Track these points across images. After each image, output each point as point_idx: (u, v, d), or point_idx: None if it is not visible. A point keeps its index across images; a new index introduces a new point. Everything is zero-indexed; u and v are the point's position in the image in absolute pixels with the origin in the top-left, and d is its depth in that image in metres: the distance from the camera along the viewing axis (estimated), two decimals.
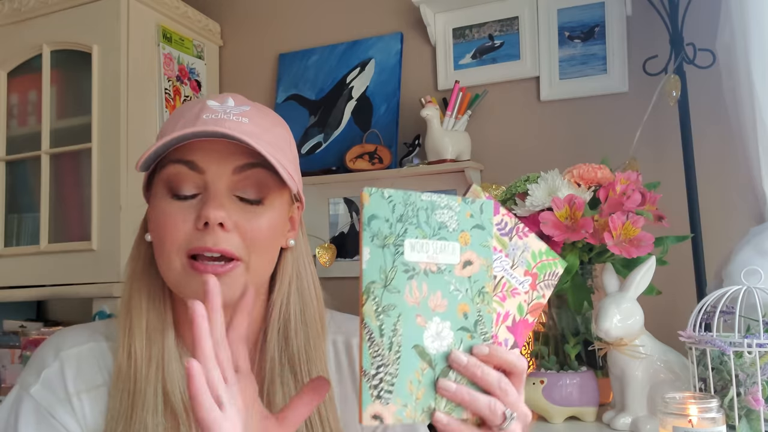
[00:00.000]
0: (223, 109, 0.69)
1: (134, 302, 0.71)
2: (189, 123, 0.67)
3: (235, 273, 0.67)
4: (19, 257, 1.83)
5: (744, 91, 1.18)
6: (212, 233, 0.65)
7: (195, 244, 0.66)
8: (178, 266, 0.67)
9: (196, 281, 0.65)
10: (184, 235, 0.66)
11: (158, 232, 0.68)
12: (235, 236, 0.67)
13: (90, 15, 1.77)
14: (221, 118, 0.68)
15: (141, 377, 0.68)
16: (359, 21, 1.93)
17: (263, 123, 0.70)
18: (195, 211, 0.67)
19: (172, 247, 0.67)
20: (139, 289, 0.72)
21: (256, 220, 0.68)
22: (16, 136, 1.91)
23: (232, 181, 0.68)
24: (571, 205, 1.13)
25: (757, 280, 0.95)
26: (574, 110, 1.64)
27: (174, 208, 0.67)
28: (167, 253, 0.67)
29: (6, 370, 1.92)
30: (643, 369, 1.05)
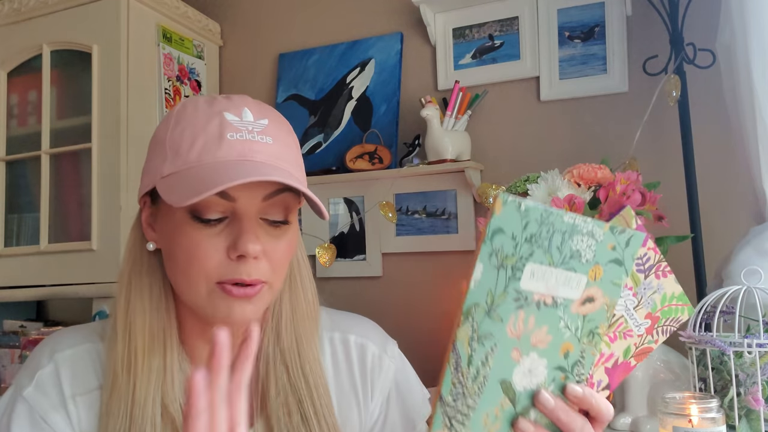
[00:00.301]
0: (245, 126, 0.66)
1: (134, 309, 0.69)
2: (212, 144, 0.65)
3: (262, 294, 0.67)
4: (19, 257, 1.83)
5: (744, 91, 1.18)
6: (246, 264, 0.64)
7: (228, 276, 0.64)
8: (204, 291, 0.65)
9: (225, 304, 0.65)
10: (215, 265, 0.64)
11: (183, 256, 0.65)
12: (263, 263, 0.66)
13: (90, 15, 1.77)
14: (247, 139, 0.65)
15: (140, 388, 0.67)
16: (359, 21, 1.93)
17: (283, 136, 0.69)
18: (225, 239, 0.65)
19: (200, 275, 0.65)
20: (141, 295, 0.70)
21: (281, 242, 0.68)
22: (16, 136, 1.90)
23: (261, 207, 0.66)
24: (571, 205, 1.13)
25: (757, 280, 0.95)
26: (574, 110, 1.64)
27: (202, 235, 0.64)
28: (193, 280, 0.65)
29: (6, 370, 1.92)
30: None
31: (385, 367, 0.80)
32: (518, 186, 1.24)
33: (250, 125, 0.67)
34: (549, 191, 1.18)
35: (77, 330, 0.76)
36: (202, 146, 0.65)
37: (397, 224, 1.81)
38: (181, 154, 0.65)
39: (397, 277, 1.82)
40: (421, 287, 1.78)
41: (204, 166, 0.64)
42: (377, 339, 0.82)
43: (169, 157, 0.66)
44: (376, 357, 0.80)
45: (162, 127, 0.69)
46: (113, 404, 0.67)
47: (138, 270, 0.71)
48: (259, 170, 0.63)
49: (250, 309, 0.66)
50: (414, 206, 1.80)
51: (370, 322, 0.85)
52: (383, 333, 0.85)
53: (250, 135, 0.66)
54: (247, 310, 0.66)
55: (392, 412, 0.81)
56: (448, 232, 1.75)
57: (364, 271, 1.85)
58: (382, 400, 0.80)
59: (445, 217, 1.76)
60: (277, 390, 0.71)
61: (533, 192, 1.18)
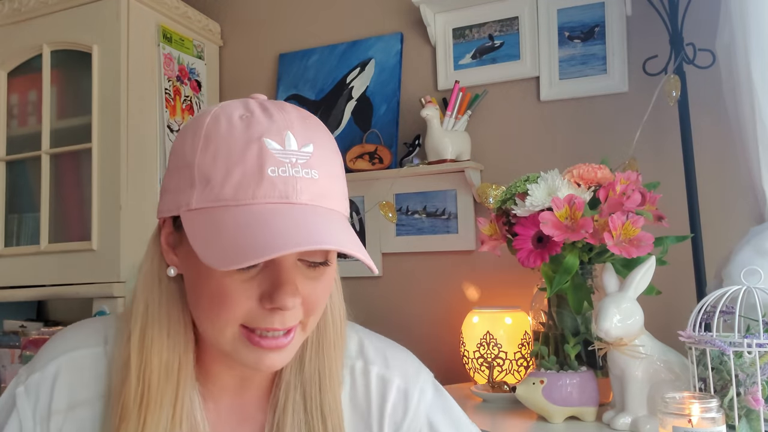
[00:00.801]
0: (288, 157, 0.57)
1: (149, 344, 0.63)
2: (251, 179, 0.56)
3: (294, 340, 0.62)
4: (19, 257, 1.83)
5: (744, 91, 1.18)
6: (281, 315, 0.59)
7: (260, 324, 0.59)
8: (230, 336, 0.60)
9: (253, 354, 0.60)
10: (246, 312, 0.59)
11: (209, 300, 0.59)
12: (299, 308, 0.60)
13: (90, 15, 1.77)
14: (290, 175, 0.57)
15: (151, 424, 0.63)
16: (359, 21, 1.93)
17: (328, 164, 0.61)
18: (259, 286, 0.59)
19: (228, 320, 0.59)
20: (159, 326, 0.64)
21: (320, 284, 0.62)
22: (16, 136, 1.91)
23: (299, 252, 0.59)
24: (571, 205, 1.13)
25: (756, 280, 0.95)
26: (574, 110, 1.64)
27: (234, 281, 0.58)
28: (218, 325, 0.60)
29: (6, 370, 1.92)
30: (643, 369, 1.05)
31: (412, 406, 0.72)
32: (518, 186, 1.24)
33: (294, 156, 0.58)
34: (549, 191, 1.18)
35: (81, 329, 0.71)
36: (238, 181, 0.57)
37: (397, 224, 1.81)
38: (214, 186, 0.57)
39: (397, 277, 1.82)
40: (421, 287, 1.78)
41: (241, 209, 0.56)
42: (405, 371, 0.74)
43: (199, 187, 0.58)
44: (401, 393, 0.72)
45: (189, 143, 0.60)
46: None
47: (156, 297, 0.65)
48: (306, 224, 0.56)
49: (280, 358, 0.61)
50: (414, 206, 1.80)
51: (403, 351, 0.77)
52: (416, 363, 0.76)
53: (294, 169, 0.57)
54: (276, 360, 0.61)
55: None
56: (448, 232, 1.75)
57: (364, 271, 1.85)
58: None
59: (445, 217, 1.76)
60: (293, 423, 0.67)
61: (533, 192, 1.18)
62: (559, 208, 1.13)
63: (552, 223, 1.13)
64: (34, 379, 0.67)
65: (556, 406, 1.13)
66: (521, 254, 1.18)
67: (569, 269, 1.15)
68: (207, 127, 0.60)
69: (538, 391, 1.13)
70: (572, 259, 1.16)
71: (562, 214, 1.13)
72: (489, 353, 1.43)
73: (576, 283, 1.20)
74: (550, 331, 1.27)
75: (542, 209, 1.16)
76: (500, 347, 1.43)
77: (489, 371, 1.43)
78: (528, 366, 1.43)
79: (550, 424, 1.14)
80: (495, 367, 1.42)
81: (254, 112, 0.60)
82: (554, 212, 1.13)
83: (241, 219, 0.56)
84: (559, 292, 1.21)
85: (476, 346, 1.45)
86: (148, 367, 0.63)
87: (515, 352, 1.43)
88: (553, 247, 1.15)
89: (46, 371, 0.67)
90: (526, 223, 1.19)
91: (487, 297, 1.69)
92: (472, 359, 1.45)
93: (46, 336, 1.83)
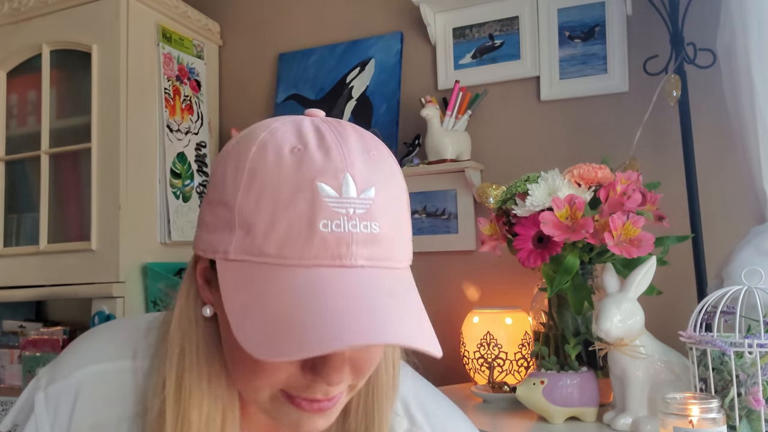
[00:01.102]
0: (345, 207, 0.48)
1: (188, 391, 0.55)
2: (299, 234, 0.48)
3: (339, 402, 0.55)
4: (19, 257, 1.82)
5: (744, 91, 1.18)
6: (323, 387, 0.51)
7: (300, 393, 0.52)
8: (267, 398, 0.53)
9: (294, 415, 0.53)
10: (286, 378, 0.51)
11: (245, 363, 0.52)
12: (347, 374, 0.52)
13: (90, 15, 1.77)
14: (346, 231, 0.48)
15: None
16: (359, 21, 1.93)
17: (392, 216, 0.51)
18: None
19: (265, 384, 0.52)
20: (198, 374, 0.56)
21: (372, 351, 0.54)
22: (16, 136, 1.90)
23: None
24: (572, 205, 1.13)
25: (757, 280, 0.95)
26: (574, 110, 1.64)
27: None
28: (255, 387, 0.53)
29: (5, 370, 1.92)
30: (644, 369, 1.05)
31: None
32: (518, 186, 1.24)
33: (352, 205, 0.49)
34: (549, 191, 1.18)
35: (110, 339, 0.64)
36: (284, 236, 0.48)
37: None
38: (256, 237, 0.49)
39: None
40: (421, 287, 1.76)
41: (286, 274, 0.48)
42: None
43: (239, 233, 0.50)
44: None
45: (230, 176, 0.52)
46: None
47: (194, 340, 0.57)
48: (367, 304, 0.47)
49: (324, 422, 0.54)
50: (414, 206, 1.80)
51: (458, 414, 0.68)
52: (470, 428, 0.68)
53: (351, 223, 0.48)
54: (319, 423, 0.54)
55: None
56: (448, 232, 1.75)
57: None
58: None
59: (445, 217, 1.76)
60: None
61: (533, 192, 1.18)
62: (560, 208, 1.13)
63: (552, 223, 1.13)
64: (56, 389, 0.60)
65: (557, 406, 1.12)
66: (521, 254, 1.18)
67: (569, 269, 1.15)
68: (252, 159, 0.51)
69: (539, 392, 1.13)
70: (572, 259, 1.16)
71: (562, 214, 1.13)
72: (489, 353, 1.43)
73: (576, 284, 1.20)
74: (551, 332, 1.27)
75: (542, 209, 1.16)
76: (500, 347, 1.42)
77: (489, 371, 1.42)
78: (528, 366, 1.43)
79: (550, 424, 1.14)
80: (495, 367, 1.42)
81: (308, 145, 0.50)
82: (554, 212, 1.13)
83: (285, 286, 0.47)
84: (559, 293, 1.21)
85: (476, 346, 1.45)
86: (186, 421, 0.55)
87: (515, 352, 1.43)
88: (553, 247, 1.14)
89: (68, 383, 0.60)
90: (527, 223, 1.18)
91: (488, 297, 1.68)
92: (473, 359, 1.45)
93: (45, 336, 1.83)
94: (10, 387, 1.89)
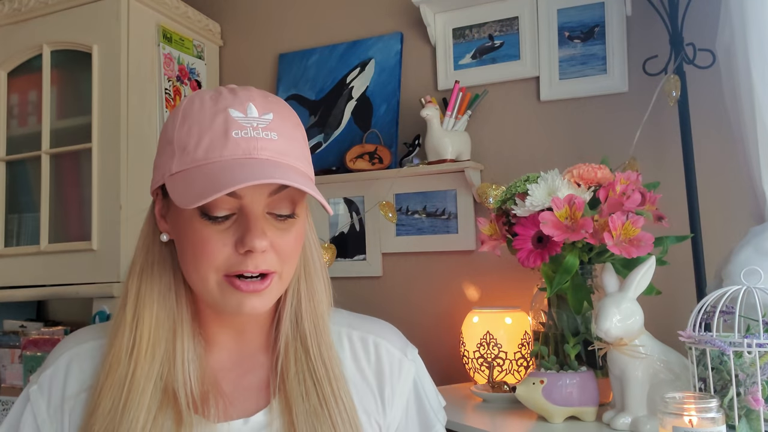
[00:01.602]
0: (250, 122, 0.67)
1: (143, 298, 0.71)
2: (218, 142, 0.66)
3: (271, 286, 0.69)
4: (19, 257, 1.83)
5: (744, 91, 1.18)
6: (253, 258, 0.66)
7: (236, 268, 0.66)
8: (214, 284, 0.67)
9: (235, 298, 0.67)
10: (223, 259, 0.66)
11: (192, 251, 0.67)
12: (271, 254, 0.68)
13: (90, 15, 1.77)
14: (252, 136, 0.66)
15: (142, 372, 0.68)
16: (359, 21, 1.93)
17: (288, 131, 0.70)
18: (233, 234, 0.66)
19: (209, 269, 0.67)
20: (151, 285, 0.72)
21: (288, 235, 0.69)
22: (16, 136, 1.91)
23: (267, 202, 0.68)
24: (571, 205, 1.13)
25: (756, 280, 0.95)
26: (574, 110, 1.64)
27: (211, 231, 0.66)
28: (202, 273, 0.67)
29: (6, 370, 1.92)
30: (643, 369, 1.05)
31: (404, 372, 0.80)
32: (518, 186, 1.24)
33: (255, 121, 0.67)
34: (549, 191, 1.18)
35: (92, 327, 0.79)
36: (208, 144, 0.66)
37: (397, 224, 1.81)
38: (189, 152, 0.66)
39: (397, 277, 1.82)
40: (421, 287, 1.78)
41: (210, 165, 0.65)
42: (397, 342, 0.82)
43: (177, 155, 0.67)
44: (396, 360, 0.80)
45: (170, 123, 0.70)
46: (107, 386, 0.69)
47: (150, 261, 0.73)
48: (263, 170, 0.64)
49: (260, 302, 0.68)
50: (414, 206, 1.80)
51: (389, 325, 0.85)
52: (403, 337, 0.84)
53: (255, 132, 0.66)
54: (256, 303, 0.68)
55: (411, 419, 0.80)
56: (448, 232, 1.75)
57: (364, 271, 1.85)
58: (402, 406, 0.79)
59: (445, 217, 1.76)
60: (296, 371, 0.73)
61: (533, 192, 1.18)
62: (559, 208, 1.13)
63: (552, 223, 1.13)
64: (47, 375, 0.74)
65: (556, 406, 1.13)
66: (521, 254, 1.18)
67: (569, 269, 1.15)
68: (184, 107, 0.70)
69: (538, 391, 1.13)
70: (572, 259, 1.16)
71: (562, 214, 1.13)
72: (489, 353, 1.43)
73: (576, 283, 1.20)
74: (550, 331, 1.27)
75: (542, 209, 1.16)
76: (500, 347, 1.43)
77: (489, 371, 1.43)
78: (528, 366, 1.43)
79: (550, 424, 1.14)
80: (495, 367, 1.42)
81: (222, 92, 0.70)
82: (554, 212, 1.13)
83: (209, 172, 0.64)
84: (559, 292, 1.21)
85: (476, 346, 1.45)
86: (141, 321, 0.70)
87: (515, 352, 1.43)
88: (553, 247, 1.15)
89: (58, 364, 0.74)
90: (526, 223, 1.19)
91: (487, 297, 1.69)
92: (472, 359, 1.45)
93: (46, 336, 1.83)
94: (11, 386, 1.89)
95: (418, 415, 0.80)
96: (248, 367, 0.76)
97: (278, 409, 0.72)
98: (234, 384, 0.74)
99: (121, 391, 0.68)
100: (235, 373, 0.75)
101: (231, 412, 0.72)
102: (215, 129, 0.66)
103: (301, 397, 0.71)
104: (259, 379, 0.75)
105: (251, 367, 0.76)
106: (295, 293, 0.76)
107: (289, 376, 0.72)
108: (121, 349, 0.70)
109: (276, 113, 0.69)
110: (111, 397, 0.68)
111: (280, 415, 0.71)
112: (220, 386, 0.73)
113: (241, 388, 0.74)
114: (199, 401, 0.70)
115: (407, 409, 0.80)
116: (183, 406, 0.68)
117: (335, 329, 0.80)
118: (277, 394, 0.73)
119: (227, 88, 0.71)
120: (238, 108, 0.67)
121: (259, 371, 0.75)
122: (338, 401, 0.72)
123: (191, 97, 0.71)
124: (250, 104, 0.68)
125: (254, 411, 0.72)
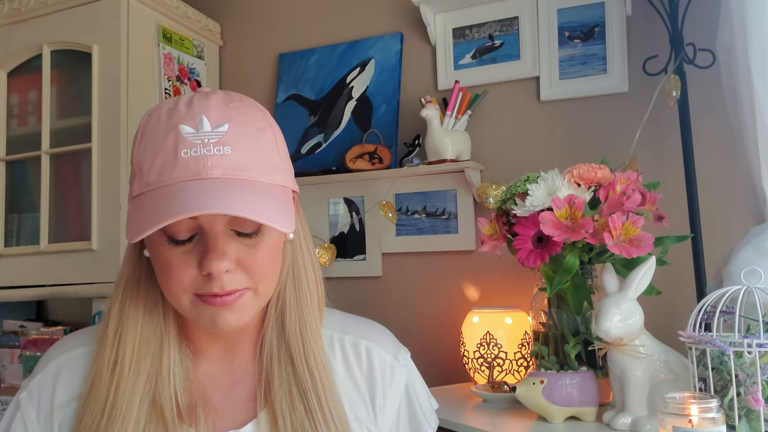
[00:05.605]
0: (201, 138, 0.63)
1: (127, 310, 0.71)
2: (168, 163, 0.63)
3: (244, 300, 0.66)
4: (19, 257, 1.83)
5: (744, 91, 1.18)
6: (218, 279, 0.64)
7: (203, 289, 0.65)
8: (187, 303, 0.66)
9: (208, 312, 0.66)
10: (190, 280, 0.65)
11: (161, 273, 0.66)
12: (239, 273, 0.65)
13: (90, 15, 1.77)
14: (201, 154, 0.62)
15: (126, 387, 0.68)
16: (359, 21, 1.93)
17: (244, 141, 0.65)
18: (196, 256, 0.64)
19: (179, 289, 0.65)
20: (136, 300, 0.71)
21: (257, 252, 0.66)
22: (16, 136, 1.90)
23: (227, 220, 0.65)
24: (571, 205, 1.13)
25: (757, 280, 0.95)
26: (574, 110, 1.64)
27: (174, 254, 0.64)
28: (173, 293, 0.66)
29: (6, 370, 1.92)
30: (643, 369, 1.05)
31: (396, 378, 0.79)
32: (518, 186, 1.24)
33: (206, 136, 0.63)
34: (549, 191, 1.18)
35: (80, 332, 0.78)
36: (160, 166, 0.63)
37: (397, 224, 1.81)
38: (144, 173, 0.64)
39: (397, 277, 1.82)
40: (421, 287, 1.78)
41: (162, 190, 0.62)
42: (389, 346, 0.81)
43: (137, 177, 0.65)
44: (388, 366, 0.79)
45: (134, 140, 0.68)
46: (90, 400, 0.68)
47: (137, 276, 0.72)
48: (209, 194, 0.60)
49: (234, 317, 0.66)
50: (414, 206, 1.80)
51: (382, 328, 0.84)
52: (395, 340, 0.83)
53: (206, 149, 0.62)
54: (230, 318, 0.66)
55: (402, 424, 0.80)
56: (448, 232, 1.75)
57: (364, 271, 1.85)
58: (393, 413, 0.78)
59: (445, 217, 1.76)
60: (281, 381, 0.72)
61: (533, 192, 1.18)
62: (559, 208, 1.13)
63: (552, 223, 1.13)
64: (36, 382, 0.73)
65: (556, 406, 1.13)
66: (521, 254, 1.18)
67: (569, 269, 1.15)
68: (142, 124, 0.67)
69: (538, 391, 1.13)
70: (572, 259, 1.16)
71: (562, 214, 1.13)
72: (489, 353, 1.43)
73: (576, 283, 1.20)
74: (550, 331, 1.27)
75: (542, 209, 1.16)
76: (500, 347, 1.42)
77: (489, 371, 1.43)
78: (528, 366, 1.43)
79: (550, 424, 1.14)
80: (495, 367, 1.42)
81: (178, 104, 0.66)
82: (554, 212, 1.13)
83: (158, 198, 0.62)
84: (559, 292, 1.21)
85: (476, 346, 1.45)
86: (124, 335, 0.70)
87: (515, 352, 1.43)
88: (553, 247, 1.15)
89: (47, 371, 0.74)
90: (526, 223, 1.19)
91: (487, 297, 1.69)
92: (472, 359, 1.45)
93: (46, 336, 1.83)
94: (11, 387, 1.89)
95: (410, 420, 0.80)
96: (237, 378, 0.75)
97: (266, 421, 0.71)
98: (224, 395, 0.74)
99: (104, 404, 0.67)
100: (225, 384, 0.74)
101: (220, 423, 0.71)
102: (166, 149, 0.63)
103: (288, 408, 0.70)
104: (248, 390, 0.74)
105: (240, 378, 0.75)
106: (281, 300, 0.74)
107: (274, 387, 0.71)
108: (103, 364, 0.69)
109: (233, 121, 0.65)
110: (94, 411, 0.68)
111: (268, 428, 0.71)
112: (209, 398, 0.72)
113: (231, 398, 0.74)
114: (188, 413, 0.69)
115: (398, 415, 0.79)
116: (168, 420, 0.68)
117: (327, 333, 0.78)
118: (263, 405, 0.72)
119: (186, 99, 0.68)
120: (189, 123, 0.64)
121: (248, 381, 0.75)
122: (325, 412, 0.70)
123: (150, 111, 0.68)
124: (202, 117, 0.64)
125: (243, 422, 0.72)
